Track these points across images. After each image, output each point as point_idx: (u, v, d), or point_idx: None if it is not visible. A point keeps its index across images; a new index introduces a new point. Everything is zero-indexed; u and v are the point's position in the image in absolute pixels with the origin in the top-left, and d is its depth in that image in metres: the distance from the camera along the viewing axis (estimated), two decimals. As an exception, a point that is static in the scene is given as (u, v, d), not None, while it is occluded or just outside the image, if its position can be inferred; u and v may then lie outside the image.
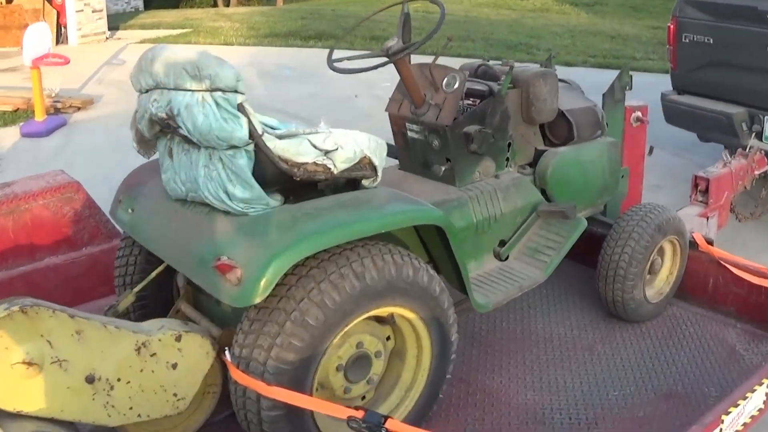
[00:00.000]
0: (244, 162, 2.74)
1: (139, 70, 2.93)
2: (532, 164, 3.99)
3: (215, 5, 26.67)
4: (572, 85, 4.37)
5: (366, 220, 2.87)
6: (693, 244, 4.23)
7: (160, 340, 2.78)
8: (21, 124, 9.24)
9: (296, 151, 2.84)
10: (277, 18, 19.35)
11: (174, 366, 2.81)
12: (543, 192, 3.92)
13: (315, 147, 2.88)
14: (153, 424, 2.87)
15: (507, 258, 3.80)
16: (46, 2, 15.53)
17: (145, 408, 2.76)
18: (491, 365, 3.80)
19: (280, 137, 2.83)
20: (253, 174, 2.77)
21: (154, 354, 2.76)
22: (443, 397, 3.29)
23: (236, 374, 2.69)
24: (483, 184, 3.76)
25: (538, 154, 4.00)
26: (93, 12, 16.00)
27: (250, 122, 2.70)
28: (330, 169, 2.93)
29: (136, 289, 3.36)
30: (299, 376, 2.70)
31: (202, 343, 2.89)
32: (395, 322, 3.09)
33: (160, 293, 3.50)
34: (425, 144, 3.77)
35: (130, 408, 2.73)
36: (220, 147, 2.70)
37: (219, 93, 2.66)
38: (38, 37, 8.90)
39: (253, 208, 2.81)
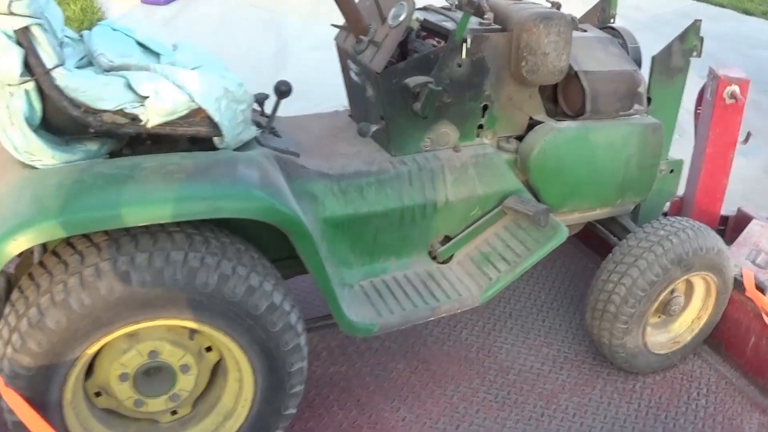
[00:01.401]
0: (18, 103, 2.14)
1: None
2: (522, 139, 2.92)
3: None
4: (613, 38, 3.15)
5: (148, 203, 2.07)
6: (738, 284, 3.01)
7: None
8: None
9: (97, 94, 2.17)
10: None
11: None
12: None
13: (131, 90, 2.20)
14: None
15: (449, 260, 2.83)
16: None
17: None
18: (398, 394, 2.90)
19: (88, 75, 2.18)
20: (49, 118, 2.18)
21: None
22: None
23: None
24: (427, 157, 2.77)
25: (533, 126, 2.92)
26: None
27: (33, 53, 2.07)
28: (140, 121, 2.22)
29: None
30: (36, 385, 2.11)
31: None
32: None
33: None
34: (363, 90, 2.81)
35: None
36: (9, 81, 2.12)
37: None
38: None
39: (39, 160, 2.18)
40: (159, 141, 2.38)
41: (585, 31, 3.14)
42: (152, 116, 2.22)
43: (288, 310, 2.30)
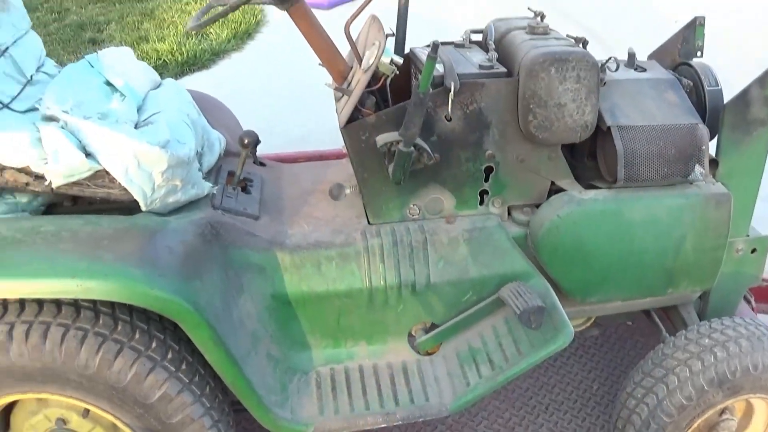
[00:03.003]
0: None
1: None
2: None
3: None
4: (678, 80, 2.49)
5: (17, 276, 1.86)
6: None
7: None
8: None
9: (3, 148, 2.01)
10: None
11: None
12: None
13: (40, 146, 2.03)
14: None
15: (432, 352, 2.36)
16: None
17: None
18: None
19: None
20: None
21: None
22: None
23: None
24: (409, 229, 2.32)
25: (557, 193, 2.38)
26: None
27: None
28: (44, 181, 2.04)
29: None
30: None
31: None
32: None
33: None
34: None
35: None
36: None
37: None
38: None
39: None
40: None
41: (644, 70, 2.53)
42: (53, 177, 2.02)
43: (189, 402, 2.01)
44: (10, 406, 2.15)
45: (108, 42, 6.74)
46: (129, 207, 2.14)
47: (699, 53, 2.64)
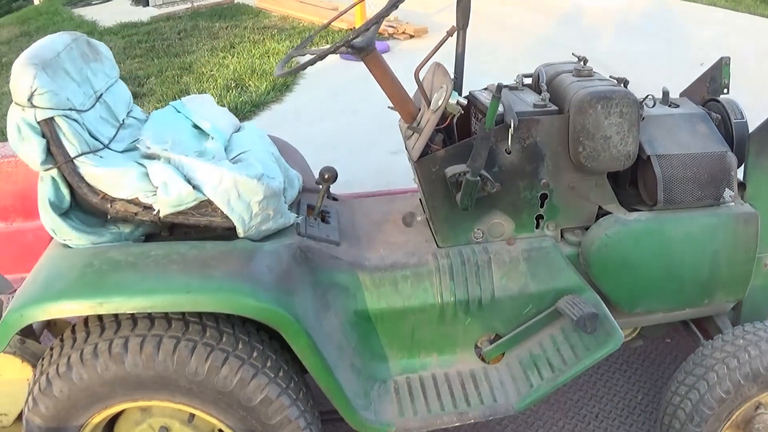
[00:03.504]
0: (44, 189, 2.33)
1: None
2: None
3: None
4: (707, 114, 2.78)
5: (134, 293, 2.15)
6: None
7: None
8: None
9: (114, 182, 2.31)
10: None
11: None
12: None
13: (147, 179, 2.32)
14: None
15: (497, 360, 2.63)
16: None
17: None
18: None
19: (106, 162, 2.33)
20: (80, 202, 2.36)
21: None
22: None
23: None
24: (475, 250, 2.60)
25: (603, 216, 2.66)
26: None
27: (55, 143, 2.25)
28: (153, 210, 2.33)
29: None
30: None
31: (22, 367, 2.52)
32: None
33: None
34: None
35: None
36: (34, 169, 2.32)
37: (19, 108, 2.25)
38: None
39: (68, 240, 2.35)
40: (192, 227, 2.44)
41: (677, 106, 2.83)
42: (162, 206, 2.31)
43: (287, 404, 2.26)
44: (114, 419, 2.40)
45: (149, 95, 7.02)
46: (223, 236, 2.42)
47: (726, 90, 2.93)
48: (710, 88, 2.95)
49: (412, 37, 9.47)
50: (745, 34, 9.28)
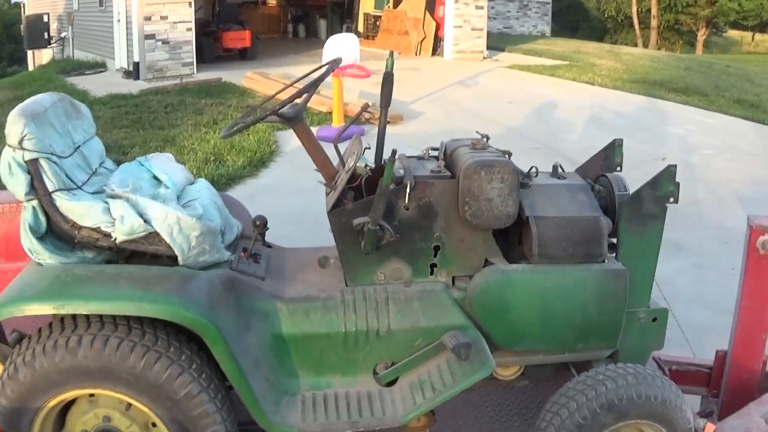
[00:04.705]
0: (26, 215, 2.84)
1: None
2: None
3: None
4: (587, 185, 3.30)
5: (90, 299, 2.71)
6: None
7: None
8: (321, 126, 9.79)
9: (81, 213, 2.84)
10: (661, 65, 17.35)
11: None
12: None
13: (108, 213, 2.85)
14: None
15: (391, 383, 3.09)
16: (427, 13, 16.09)
17: None
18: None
19: (78, 197, 2.88)
20: (55, 228, 2.87)
21: None
22: None
23: None
24: (376, 290, 3.10)
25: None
26: (472, 30, 16.10)
27: (38, 179, 2.79)
28: (111, 237, 2.85)
29: None
30: (13, 424, 2.80)
31: None
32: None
33: None
34: None
35: None
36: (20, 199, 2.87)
37: (11, 149, 2.80)
38: (343, 47, 9.25)
39: (42, 259, 2.86)
40: (141, 255, 2.95)
41: (564, 178, 3.34)
42: (118, 235, 2.82)
43: (206, 400, 2.74)
44: (66, 410, 2.87)
45: (132, 164, 7.58)
46: (167, 264, 2.93)
47: (618, 168, 3.46)
48: (604, 166, 3.48)
49: (388, 123, 10.03)
50: (712, 130, 9.94)
